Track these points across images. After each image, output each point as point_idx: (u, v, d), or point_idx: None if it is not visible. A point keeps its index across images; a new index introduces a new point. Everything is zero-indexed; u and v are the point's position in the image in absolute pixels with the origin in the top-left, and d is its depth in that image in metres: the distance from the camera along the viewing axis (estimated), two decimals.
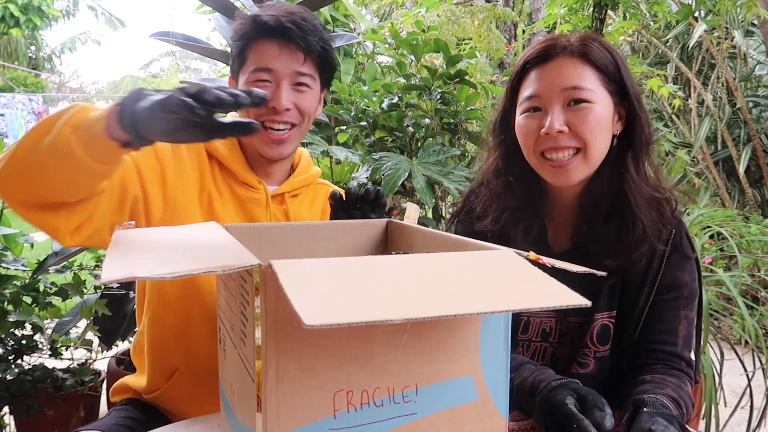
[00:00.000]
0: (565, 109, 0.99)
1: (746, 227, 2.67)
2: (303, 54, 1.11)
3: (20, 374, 1.94)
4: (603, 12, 2.61)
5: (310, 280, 0.52)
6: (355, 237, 1.02)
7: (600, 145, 1.00)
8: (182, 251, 0.65)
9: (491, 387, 0.67)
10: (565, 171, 1.00)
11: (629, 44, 4.47)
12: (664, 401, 0.84)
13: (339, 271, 0.56)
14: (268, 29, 1.09)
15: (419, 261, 0.64)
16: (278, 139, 1.12)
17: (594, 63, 0.99)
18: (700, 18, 3.58)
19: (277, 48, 1.09)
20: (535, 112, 1.02)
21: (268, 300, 0.57)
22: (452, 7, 3.89)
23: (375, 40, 2.85)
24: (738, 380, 2.17)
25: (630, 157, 1.02)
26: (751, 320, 1.99)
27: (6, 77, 14.48)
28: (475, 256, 0.67)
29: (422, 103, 2.36)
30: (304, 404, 0.59)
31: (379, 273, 0.57)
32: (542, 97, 1.00)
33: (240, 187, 1.16)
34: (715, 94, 3.83)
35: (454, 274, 0.60)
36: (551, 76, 1.00)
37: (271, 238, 0.96)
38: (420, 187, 2.04)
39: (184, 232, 0.79)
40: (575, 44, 1.00)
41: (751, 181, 3.85)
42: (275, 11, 1.11)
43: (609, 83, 1.01)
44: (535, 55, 1.02)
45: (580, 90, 0.98)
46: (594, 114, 0.98)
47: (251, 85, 1.09)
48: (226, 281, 0.76)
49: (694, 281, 1.04)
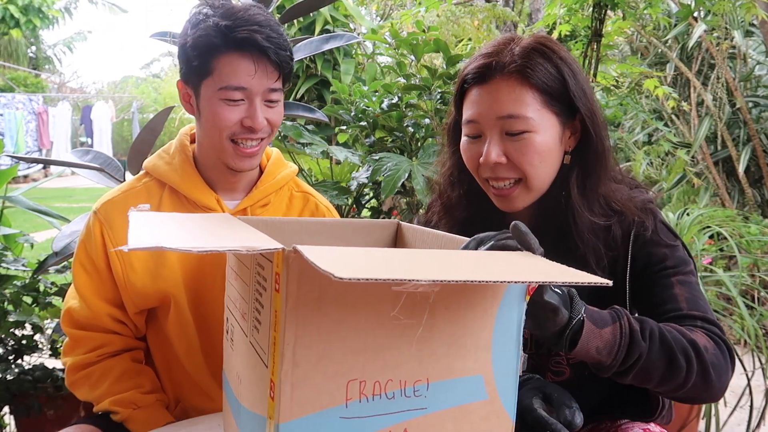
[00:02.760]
0: (503, 138, 0.93)
1: (746, 227, 2.68)
2: (277, 71, 1.06)
3: (20, 374, 1.93)
4: (602, 12, 2.61)
5: (334, 257, 0.53)
6: (365, 236, 1.01)
7: (542, 174, 0.95)
8: (206, 232, 0.67)
9: (500, 387, 0.67)
10: (507, 199, 0.96)
11: (629, 44, 4.47)
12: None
13: (361, 253, 0.57)
14: (242, 45, 1.02)
15: (439, 253, 0.65)
16: (250, 153, 1.09)
17: (535, 85, 0.91)
18: (700, 18, 3.59)
19: (252, 66, 1.03)
20: (474, 138, 0.96)
21: (290, 285, 0.58)
22: (452, 7, 3.89)
23: (375, 40, 2.85)
24: (738, 380, 2.17)
25: (575, 176, 0.96)
26: (751, 320, 1.99)
27: (6, 77, 14.48)
28: (494, 253, 0.69)
29: (422, 103, 2.36)
30: (317, 390, 0.60)
31: (401, 256, 0.58)
32: (480, 123, 0.95)
33: (198, 211, 1.12)
34: (714, 94, 3.83)
35: (474, 259, 0.61)
36: (488, 101, 0.93)
37: (281, 234, 0.95)
38: (420, 187, 2.04)
39: (201, 219, 0.80)
40: (517, 60, 0.92)
41: (751, 181, 3.86)
42: (246, 24, 1.02)
43: (553, 103, 0.93)
44: (473, 73, 0.96)
45: (518, 120, 0.91)
46: (533, 145, 0.92)
47: (220, 103, 1.04)
48: (239, 270, 0.76)
49: (677, 250, 0.96)
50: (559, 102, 0.94)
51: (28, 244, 2.23)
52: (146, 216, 0.74)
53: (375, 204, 2.44)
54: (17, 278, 2.03)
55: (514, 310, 0.67)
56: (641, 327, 0.82)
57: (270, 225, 0.95)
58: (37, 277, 2.01)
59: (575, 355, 0.78)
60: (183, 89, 1.11)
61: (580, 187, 0.95)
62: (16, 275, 2.03)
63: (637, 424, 0.97)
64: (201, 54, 1.03)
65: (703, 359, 0.83)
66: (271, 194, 1.18)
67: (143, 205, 0.85)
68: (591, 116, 0.95)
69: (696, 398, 0.88)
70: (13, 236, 2.22)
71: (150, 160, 1.17)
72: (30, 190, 2.57)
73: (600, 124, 0.97)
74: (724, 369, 0.85)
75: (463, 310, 0.64)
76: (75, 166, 2.16)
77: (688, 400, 0.90)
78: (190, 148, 1.17)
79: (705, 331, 0.87)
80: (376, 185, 2.25)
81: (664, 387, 0.84)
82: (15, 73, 15.10)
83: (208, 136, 1.09)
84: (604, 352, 0.79)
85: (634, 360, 0.80)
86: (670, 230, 0.98)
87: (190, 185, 1.12)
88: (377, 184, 2.20)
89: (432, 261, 0.60)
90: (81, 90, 18.38)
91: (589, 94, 0.96)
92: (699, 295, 0.92)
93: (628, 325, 0.81)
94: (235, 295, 0.78)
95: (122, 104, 16.98)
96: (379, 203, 2.40)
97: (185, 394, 1.17)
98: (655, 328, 0.83)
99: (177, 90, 1.12)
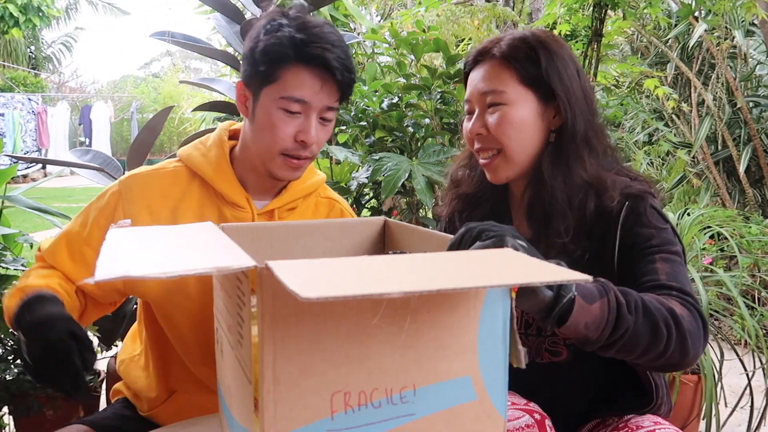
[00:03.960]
0: (485, 112, 1.05)
1: (746, 227, 2.67)
2: (339, 91, 1.07)
3: (20, 374, 1.93)
4: (603, 12, 2.61)
5: (305, 271, 0.53)
6: (353, 236, 1.02)
7: (519, 147, 1.03)
8: (178, 251, 0.65)
9: (489, 386, 0.67)
10: (490, 170, 1.07)
11: (629, 44, 4.47)
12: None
13: (335, 265, 0.56)
14: (312, 60, 1.03)
15: (417, 258, 0.64)
16: (298, 166, 1.10)
17: (513, 66, 1.03)
18: (701, 18, 3.58)
19: (318, 83, 1.04)
20: (469, 115, 1.09)
21: (265, 301, 0.57)
22: (452, 7, 3.89)
23: (375, 40, 2.85)
24: (738, 380, 2.17)
25: (548, 152, 1.03)
26: (752, 320, 1.99)
27: (6, 77, 14.47)
28: (474, 253, 0.68)
29: (422, 103, 2.36)
30: (301, 406, 0.59)
31: (376, 265, 0.57)
32: (471, 101, 1.08)
33: (226, 207, 1.12)
34: (715, 94, 3.83)
35: (454, 264, 0.60)
36: (476, 80, 1.07)
37: (268, 238, 0.95)
38: (420, 187, 2.04)
39: (180, 232, 0.78)
40: (503, 47, 1.04)
41: (752, 181, 3.85)
42: (320, 41, 1.03)
43: (529, 82, 1.03)
44: (471, 59, 1.10)
45: (494, 93, 1.03)
46: (506, 117, 1.02)
47: (278, 111, 1.04)
48: (223, 282, 0.76)
49: (664, 232, 0.98)
50: (534, 80, 1.03)
51: (27, 244, 2.23)
52: (124, 233, 0.73)
53: (375, 204, 2.44)
54: (17, 278, 2.03)
55: (499, 308, 0.66)
56: (626, 299, 0.82)
57: (258, 230, 0.95)
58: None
59: (563, 332, 0.78)
60: (241, 90, 1.11)
61: (553, 161, 1.03)
62: (16, 275, 2.02)
63: (647, 417, 0.98)
64: (270, 61, 1.04)
65: (681, 328, 0.84)
66: (299, 199, 1.19)
67: (123, 221, 0.86)
68: (567, 97, 1.02)
69: (671, 366, 0.90)
70: (13, 236, 2.21)
71: (185, 149, 1.17)
72: (29, 190, 2.56)
73: (579, 106, 1.03)
74: (698, 336, 0.86)
75: (446, 313, 0.63)
76: (75, 166, 2.16)
77: (663, 368, 0.91)
78: (228, 144, 1.16)
79: (680, 300, 0.89)
80: (376, 185, 2.25)
81: (644, 358, 0.85)
82: (14, 72, 15.09)
83: (259, 142, 1.08)
84: (592, 327, 0.79)
85: (620, 334, 0.80)
86: (661, 215, 1.01)
87: (223, 180, 1.12)
88: (377, 184, 2.20)
89: (408, 268, 0.59)
90: (80, 89, 18.39)
91: (571, 78, 1.04)
92: (680, 272, 0.94)
93: (615, 299, 0.81)
94: (221, 307, 0.78)
95: (121, 104, 16.99)
96: (379, 203, 2.40)
97: (182, 385, 1.17)
98: (638, 299, 0.83)
99: (235, 91, 1.13)
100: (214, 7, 2.37)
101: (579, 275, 0.56)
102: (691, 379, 1.94)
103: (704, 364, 1.88)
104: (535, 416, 0.91)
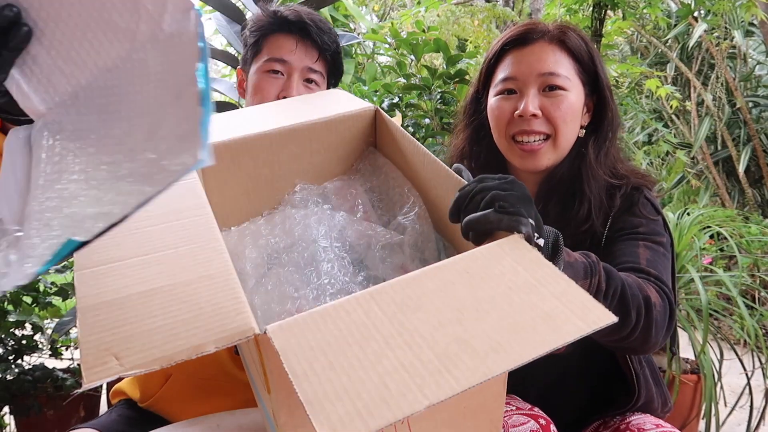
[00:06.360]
0: (540, 94, 1.00)
1: (746, 227, 2.67)
2: (317, 52, 1.18)
3: (20, 374, 1.94)
4: (602, 12, 2.61)
5: (311, 364, 0.49)
6: (341, 133, 0.95)
7: (569, 133, 1.02)
8: (162, 319, 0.55)
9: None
10: (534, 156, 1.01)
11: (629, 44, 4.47)
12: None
13: (340, 342, 0.51)
14: (287, 23, 1.17)
15: (424, 300, 0.56)
16: None
17: (571, 51, 1.02)
18: (700, 18, 3.59)
19: (293, 42, 1.16)
20: (509, 94, 1.03)
21: (272, 363, 0.53)
22: (452, 7, 3.89)
23: (375, 40, 2.85)
24: (738, 380, 2.17)
25: (592, 142, 1.04)
26: (751, 320, 1.99)
27: None
28: (483, 260, 0.62)
29: (422, 103, 2.36)
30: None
31: (384, 331, 0.52)
32: (518, 79, 1.01)
33: None
34: (714, 94, 3.83)
35: (467, 310, 0.55)
36: (529, 59, 1.01)
37: (253, 155, 0.89)
38: None
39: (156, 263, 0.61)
40: (554, 31, 1.02)
41: (751, 181, 3.85)
42: (295, 8, 1.18)
43: (583, 73, 1.03)
44: (514, 37, 1.03)
45: (557, 76, 1.00)
46: (568, 101, 1.00)
47: (263, 74, 1.16)
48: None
49: (653, 223, 1.00)
50: (587, 74, 1.03)
51: None
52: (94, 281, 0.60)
53: None
54: None
55: None
56: (607, 285, 0.81)
57: (245, 144, 0.88)
58: (37, 276, 2.01)
59: None
60: (240, 75, 1.24)
61: (595, 150, 1.03)
62: None
63: (649, 419, 0.97)
64: (253, 34, 1.19)
65: (650, 317, 0.85)
66: None
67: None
68: (611, 93, 1.04)
69: (631, 350, 0.91)
70: None
71: None
72: None
73: (616, 104, 1.06)
74: (663, 327, 0.87)
75: None
76: None
77: (622, 350, 0.93)
78: None
79: (656, 287, 0.89)
80: None
81: (606, 338, 0.86)
82: None
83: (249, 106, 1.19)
84: None
85: None
86: (654, 207, 1.02)
87: None
88: None
89: (423, 341, 0.52)
90: None
91: (608, 77, 1.06)
92: (661, 261, 0.95)
93: (597, 284, 0.80)
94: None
95: None
96: None
97: (177, 368, 1.15)
98: (619, 285, 0.83)
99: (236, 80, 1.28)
100: (214, 7, 2.37)
101: (611, 317, 0.56)
102: (690, 378, 1.95)
103: (704, 364, 1.88)
104: (540, 421, 0.90)
